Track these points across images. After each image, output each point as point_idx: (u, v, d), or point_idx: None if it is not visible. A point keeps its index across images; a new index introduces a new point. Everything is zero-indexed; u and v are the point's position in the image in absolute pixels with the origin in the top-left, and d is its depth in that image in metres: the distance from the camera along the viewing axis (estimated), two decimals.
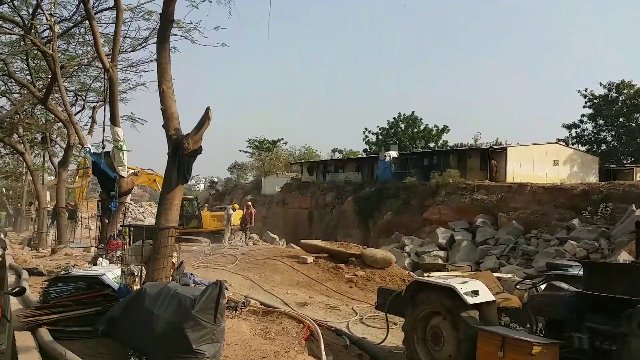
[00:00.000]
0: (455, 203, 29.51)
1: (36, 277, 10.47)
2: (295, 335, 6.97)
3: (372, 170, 42.13)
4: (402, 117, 56.15)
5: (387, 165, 38.82)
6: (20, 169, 46.21)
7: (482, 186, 29.74)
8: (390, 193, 34.55)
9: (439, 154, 38.91)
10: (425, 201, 31.53)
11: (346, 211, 37.28)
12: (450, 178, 31.23)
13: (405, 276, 12.59)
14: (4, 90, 24.03)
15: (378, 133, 57.67)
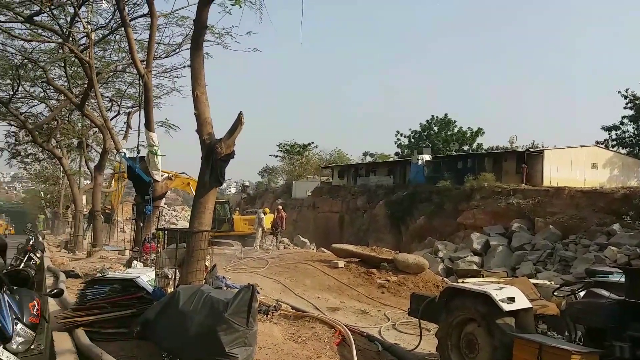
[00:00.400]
0: (490, 207, 28.96)
1: (73, 279, 10.71)
2: (326, 340, 6.94)
3: (404, 173, 41.73)
4: (435, 119, 55.41)
5: (419, 169, 38.39)
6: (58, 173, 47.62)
7: (518, 190, 29.11)
8: (423, 197, 34.13)
9: (473, 157, 38.21)
10: (459, 205, 31.03)
11: (378, 215, 37.01)
12: (485, 182, 30.65)
13: (439, 282, 12.40)
14: (43, 97, 24.80)
15: (410, 136, 57.09)
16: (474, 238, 26.92)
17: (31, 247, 10.92)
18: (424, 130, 56.03)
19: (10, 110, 22.87)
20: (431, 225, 31.58)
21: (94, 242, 19.33)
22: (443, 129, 54.88)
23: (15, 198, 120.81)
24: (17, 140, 30.58)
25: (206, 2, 6.96)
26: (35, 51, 19.81)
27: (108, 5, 17.04)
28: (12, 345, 3.87)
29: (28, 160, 36.49)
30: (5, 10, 15.52)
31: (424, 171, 38.13)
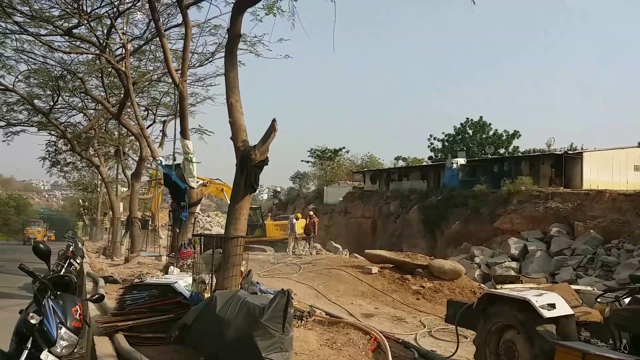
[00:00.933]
0: (528, 212, 28.35)
1: (111, 285, 10.95)
2: (362, 346, 6.89)
3: (438, 178, 41.23)
4: (470, 122, 54.58)
5: (454, 173, 37.88)
6: (95, 181, 48.94)
7: (556, 193, 28.42)
8: (458, 201, 33.65)
9: (509, 161, 37.49)
10: (495, 210, 30.47)
11: (411, 220, 36.64)
12: (522, 185, 30.02)
13: (476, 288, 12.19)
14: (81, 107, 25.51)
15: (444, 140, 56.34)
16: (512, 243, 26.39)
17: (71, 253, 11.16)
18: (458, 134, 55.22)
19: (51, 121, 23.59)
20: (467, 230, 31.10)
21: (131, 248, 19.70)
22: (478, 132, 53.96)
23: (55, 205, 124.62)
24: (57, 149, 31.58)
25: (239, 11, 7.05)
26: (74, 63, 20.43)
27: (143, 16, 17.46)
28: (57, 348, 3.97)
29: (67, 169, 37.67)
30: (46, 24, 16.04)
31: (458, 175, 37.62)
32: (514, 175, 32.49)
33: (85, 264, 14.23)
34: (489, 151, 48.75)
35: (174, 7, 15.76)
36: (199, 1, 12.85)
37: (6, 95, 22.92)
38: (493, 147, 50.57)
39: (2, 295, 13.26)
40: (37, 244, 4.78)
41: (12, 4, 14.36)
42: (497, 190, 31.58)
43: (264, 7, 6.98)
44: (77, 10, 14.88)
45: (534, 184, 30.38)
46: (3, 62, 19.45)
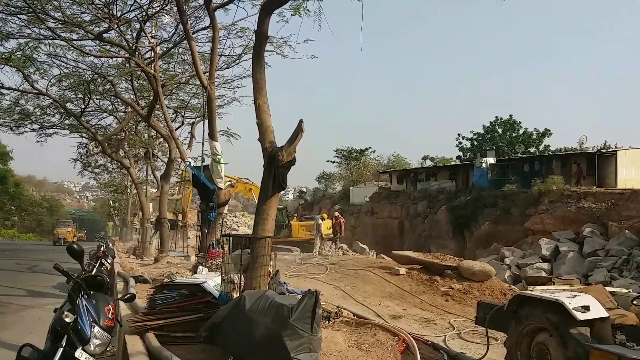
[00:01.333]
0: (559, 212, 27.75)
1: (141, 284, 11.09)
2: (390, 348, 6.84)
3: (467, 177, 40.67)
4: (499, 121, 53.69)
5: (483, 173, 37.31)
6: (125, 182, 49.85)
7: (589, 193, 27.74)
8: (487, 202, 33.13)
9: (540, 160, 36.71)
10: (526, 210, 29.91)
11: (439, 221, 36.25)
12: (554, 185, 29.38)
13: (506, 290, 12.00)
14: (111, 110, 26.01)
15: (473, 139, 55.49)
16: (543, 244, 25.88)
17: (102, 254, 11.41)
18: (487, 133, 54.32)
19: (82, 123, 24.11)
20: (497, 230, 30.62)
21: (160, 248, 19.97)
22: (507, 131, 52.96)
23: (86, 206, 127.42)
24: (88, 151, 32.29)
25: (267, 12, 7.08)
26: (104, 66, 20.84)
27: (171, 19, 17.71)
28: (90, 347, 4.05)
29: (98, 170, 38.48)
30: (77, 29, 16.40)
31: (487, 175, 37.05)
32: (545, 174, 31.84)
33: (116, 264, 14.48)
34: (519, 150, 47.87)
35: (202, 10, 15.95)
36: (226, 4, 12.97)
37: (40, 99, 23.52)
38: (523, 146, 49.61)
39: (37, 294, 13.61)
40: (71, 244, 4.89)
41: (46, 10, 14.71)
42: (528, 190, 31.00)
43: (291, 8, 7.00)
44: (107, 15, 15.18)
45: (566, 183, 29.75)
46: (37, 66, 19.97)
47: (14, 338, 8.24)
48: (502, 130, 53.32)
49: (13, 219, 63.54)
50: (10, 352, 7.31)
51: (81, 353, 3.98)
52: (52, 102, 23.30)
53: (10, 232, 58.71)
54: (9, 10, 15.19)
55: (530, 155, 43.07)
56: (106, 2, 14.89)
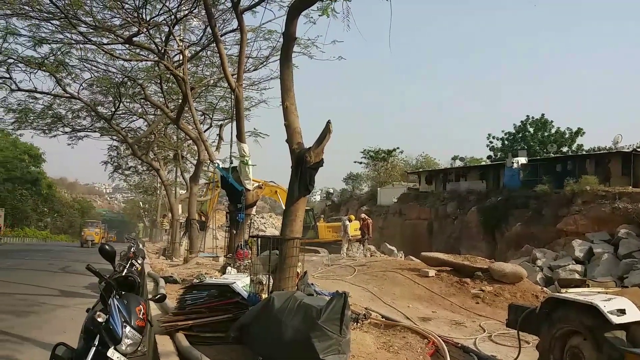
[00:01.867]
0: (593, 212, 27.06)
1: (171, 285, 11.23)
2: (419, 350, 6.76)
3: (497, 178, 40.02)
4: (531, 120, 52.66)
5: (514, 173, 36.70)
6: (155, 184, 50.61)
7: (624, 193, 26.96)
8: (519, 202, 32.52)
9: (573, 159, 35.86)
10: (559, 211, 29.26)
11: (470, 222, 35.76)
12: (588, 185, 28.64)
13: (538, 292, 11.77)
14: (141, 113, 26.46)
15: (503, 138, 54.57)
16: (576, 245, 25.27)
17: (133, 254, 11.57)
18: (519, 132, 53.32)
19: (113, 126, 24.58)
20: (528, 232, 30.02)
21: (189, 248, 20.19)
22: (539, 130, 51.90)
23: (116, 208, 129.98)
24: (118, 153, 32.93)
25: (295, 14, 7.08)
26: (134, 70, 21.22)
27: (199, 22, 17.91)
28: (122, 346, 4.10)
29: (128, 172, 39.19)
30: (108, 34, 16.72)
31: (519, 175, 36.42)
32: (578, 174, 31.12)
33: (146, 265, 14.69)
34: (551, 150, 46.90)
35: (229, 13, 16.07)
36: (253, 6, 13.04)
37: (71, 103, 24.09)
38: (555, 145, 48.56)
39: (69, 294, 13.91)
40: (103, 245, 4.97)
41: (77, 16, 15.03)
42: (560, 190, 30.33)
43: (318, 9, 6.98)
44: (137, 19, 15.43)
45: (600, 184, 29.01)
46: (69, 70, 20.45)
47: (48, 337, 8.44)
48: (533, 129, 52.29)
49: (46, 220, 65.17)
50: (44, 351, 7.49)
51: (113, 352, 4.04)
52: (84, 106, 23.83)
53: (44, 233, 60.20)
54: (42, 16, 15.56)
55: (562, 155, 42.15)
56: (136, 6, 15.14)
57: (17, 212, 48.88)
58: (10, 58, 18.46)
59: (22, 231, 45.56)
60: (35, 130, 25.72)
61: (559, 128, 51.47)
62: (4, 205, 46.58)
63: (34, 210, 48.56)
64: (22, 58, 18.63)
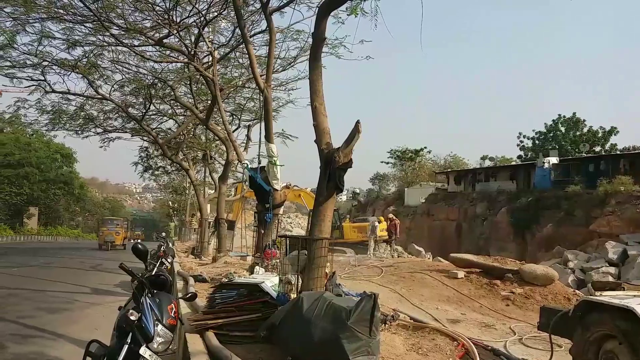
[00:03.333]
0: (628, 213, 26.40)
1: (200, 283, 11.36)
2: (449, 352, 6.68)
3: (528, 178, 39.44)
4: (562, 119, 51.65)
5: (545, 173, 36.10)
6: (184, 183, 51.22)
7: None
8: (550, 203, 31.96)
9: (606, 159, 35.06)
10: (591, 212, 28.65)
11: (499, 223, 35.28)
12: (622, 185, 27.96)
13: (570, 294, 11.53)
14: (171, 113, 26.83)
15: (534, 138, 53.66)
16: (609, 247, 24.68)
17: (163, 253, 11.74)
18: (550, 131, 52.37)
19: (143, 127, 24.98)
20: (559, 233, 29.47)
21: (218, 248, 20.36)
22: (571, 129, 50.88)
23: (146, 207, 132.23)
24: (148, 154, 33.46)
25: (324, 14, 7.07)
26: (164, 71, 21.54)
27: (228, 24, 18.08)
28: (154, 344, 4.16)
29: (158, 172, 39.78)
30: (139, 35, 17.00)
31: (550, 175, 35.82)
32: (611, 174, 30.41)
33: (175, 263, 14.90)
34: (583, 149, 45.92)
35: (258, 14, 16.19)
36: (282, 7, 13.10)
37: (103, 104, 24.56)
38: (588, 144, 47.54)
39: (101, 292, 14.21)
40: (136, 244, 5.07)
41: (110, 18, 15.33)
42: (593, 190, 29.71)
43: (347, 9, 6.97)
44: (167, 21, 15.66)
45: (635, 184, 28.27)
46: (101, 72, 20.87)
47: (80, 333, 8.64)
48: (565, 128, 51.31)
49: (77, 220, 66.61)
50: (76, 348, 7.66)
51: (145, 350, 4.10)
52: (115, 107, 24.27)
53: (75, 232, 61.51)
54: (76, 19, 15.92)
55: (595, 155, 41.27)
56: (166, 9, 15.36)
57: (50, 211, 50.06)
58: (45, 60, 18.92)
59: (54, 230, 46.71)
60: (68, 130, 26.32)
61: (591, 127, 50.45)
62: (38, 204, 47.64)
63: (66, 210, 49.69)
64: (56, 60, 19.08)
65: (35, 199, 45.51)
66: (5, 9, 15.47)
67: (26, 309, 10.83)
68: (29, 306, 11.09)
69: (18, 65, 19.13)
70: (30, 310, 10.69)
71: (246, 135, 23.66)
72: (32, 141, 44.58)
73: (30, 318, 9.98)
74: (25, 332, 8.82)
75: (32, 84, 20.82)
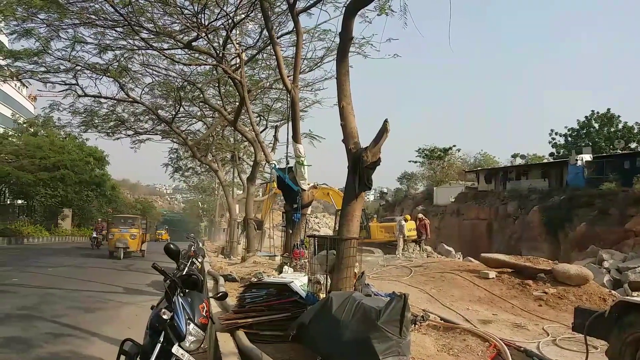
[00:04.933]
0: None
1: (230, 283, 11.48)
2: (480, 353, 6.60)
3: (560, 176, 38.67)
4: (596, 115, 50.41)
5: (579, 170, 35.35)
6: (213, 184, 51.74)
7: None
8: (583, 201, 31.26)
9: None
10: (627, 210, 27.90)
11: (531, 222, 34.65)
12: None
13: (606, 295, 11.23)
14: (200, 115, 27.16)
15: (567, 135, 52.55)
16: None
17: (194, 253, 11.87)
18: (583, 128, 51.19)
19: (173, 129, 25.36)
20: (594, 232, 28.78)
21: (247, 248, 20.53)
22: (605, 126, 49.66)
23: (176, 208, 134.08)
24: (178, 156, 33.98)
25: (351, 14, 7.07)
26: (193, 74, 21.80)
27: (255, 25, 18.20)
28: (186, 343, 4.22)
29: (188, 174, 40.35)
30: (168, 39, 17.26)
31: (583, 173, 35.04)
32: None
33: (205, 263, 15.08)
34: (618, 146, 44.73)
35: (284, 16, 16.25)
36: (309, 7, 13.12)
37: (134, 107, 25.02)
38: (623, 141, 46.30)
39: (133, 291, 14.47)
40: (168, 244, 5.17)
41: (140, 22, 15.60)
42: (629, 188, 28.93)
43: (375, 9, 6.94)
44: (196, 24, 15.84)
45: None
46: (131, 76, 21.26)
47: (114, 332, 8.80)
48: (599, 125, 50.11)
49: None
50: (110, 345, 7.81)
51: (177, 349, 4.16)
52: (145, 110, 24.69)
53: None
54: (107, 24, 16.24)
55: (631, 152, 40.15)
56: (195, 12, 15.54)
57: (83, 212, 51.15)
58: (77, 65, 19.36)
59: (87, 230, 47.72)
60: (100, 133, 26.90)
61: (626, 123, 49.09)
62: (72, 206, 48.75)
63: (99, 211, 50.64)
64: (88, 65, 19.51)
65: (69, 200, 46.55)
66: (39, 15, 15.87)
67: (61, 308, 11.08)
68: (63, 305, 11.37)
69: (52, 70, 19.62)
70: (65, 310, 10.93)
71: (273, 136, 23.82)
72: (66, 144, 45.71)
73: (65, 317, 10.20)
74: (61, 331, 9.03)
75: (65, 88, 21.32)
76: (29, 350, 7.64)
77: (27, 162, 40.11)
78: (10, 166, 39.45)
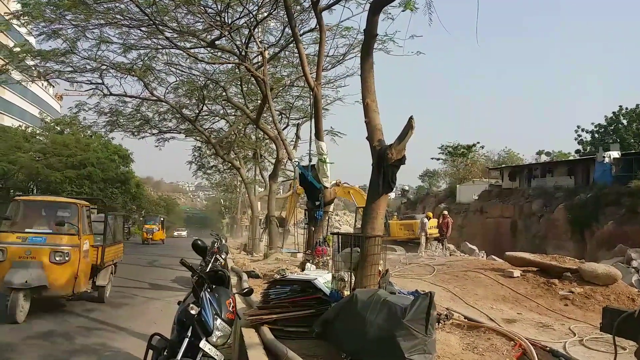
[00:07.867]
0: None
1: (253, 279, 11.59)
2: (505, 352, 6.53)
3: (587, 173, 37.94)
4: (624, 111, 49.31)
5: (606, 168, 34.64)
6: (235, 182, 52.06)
7: None
8: (610, 199, 30.64)
9: None
10: None
11: (557, 220, 34.10)
12: None
13: (634, 295, 10.99)
14: (223, 114, 27.35)
15: (594, 131, 51.52)
16: None
17: (217, 250, 11.99)
18: (610, 124, 50.12)
19: (197, 127, 25.60)
20: (622, 231, 28.21)
21: (269, 245, 20.64)
22: (634, 122, 48.52)
23: (198, 205, 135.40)
24: (201, 153, 34.31)
25: (375, 11, 7.05)
26: (216, 72, 21.95)
27: (276, 23, 18.25)
28: (213, 338, 4.27)
29: (210, 171, 40.73)
30: (191, 38, 17.41)
31: (611, 170, 34.33)
32: None
33: (229, 260, 15.24)
34: None
35: (307, 13, 16.27)
36: (332, 5, 13.11)
37: (158, 105, 25.33)
38: None
39: (158, 287, 14.69)
40: (196, 240, 5.24)
41: (164, 22, 15.77)
42: None
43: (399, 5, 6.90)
44: (219, 23, 15.95)
45: None
46: (155, 75, 21.51)
47: (141, 328, 8.97)
48: (627, 121, 49.00)
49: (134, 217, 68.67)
50: (137, 340, 7.96)
51: (205, 344, 4.21)
52: (169, 108, 24.97)
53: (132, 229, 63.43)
54: (132, 23, 16.47)
55: None
56: (217, 11, 15.65)
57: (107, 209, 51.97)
58: (103, 65, 19.67)
59: None
60: (125, 131, 27.29)
61: None
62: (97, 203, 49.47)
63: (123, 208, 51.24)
64: (113, 64, 19.81)
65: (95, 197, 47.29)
66: (67, 16, 16.16)
67: (90, 303, 11.36)
68: (92, 301, 11.62)
69: (78, 70, 19.97)
70: (94, 305, 11.25)
71: (295, 133, 23.91)
72: (91, 142, 46.47)
73: (94, 312, 10.53)
74: (90, 325, 9.30)
75: (91, 87, 21.69)
76: (62, 342, 7.96)
77: (55, 160, 40.84)
78: (40, 164, 40.23)
